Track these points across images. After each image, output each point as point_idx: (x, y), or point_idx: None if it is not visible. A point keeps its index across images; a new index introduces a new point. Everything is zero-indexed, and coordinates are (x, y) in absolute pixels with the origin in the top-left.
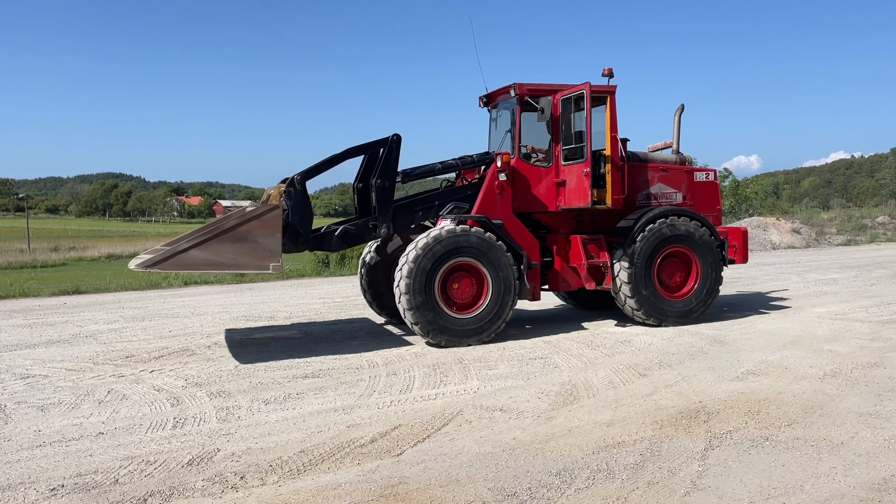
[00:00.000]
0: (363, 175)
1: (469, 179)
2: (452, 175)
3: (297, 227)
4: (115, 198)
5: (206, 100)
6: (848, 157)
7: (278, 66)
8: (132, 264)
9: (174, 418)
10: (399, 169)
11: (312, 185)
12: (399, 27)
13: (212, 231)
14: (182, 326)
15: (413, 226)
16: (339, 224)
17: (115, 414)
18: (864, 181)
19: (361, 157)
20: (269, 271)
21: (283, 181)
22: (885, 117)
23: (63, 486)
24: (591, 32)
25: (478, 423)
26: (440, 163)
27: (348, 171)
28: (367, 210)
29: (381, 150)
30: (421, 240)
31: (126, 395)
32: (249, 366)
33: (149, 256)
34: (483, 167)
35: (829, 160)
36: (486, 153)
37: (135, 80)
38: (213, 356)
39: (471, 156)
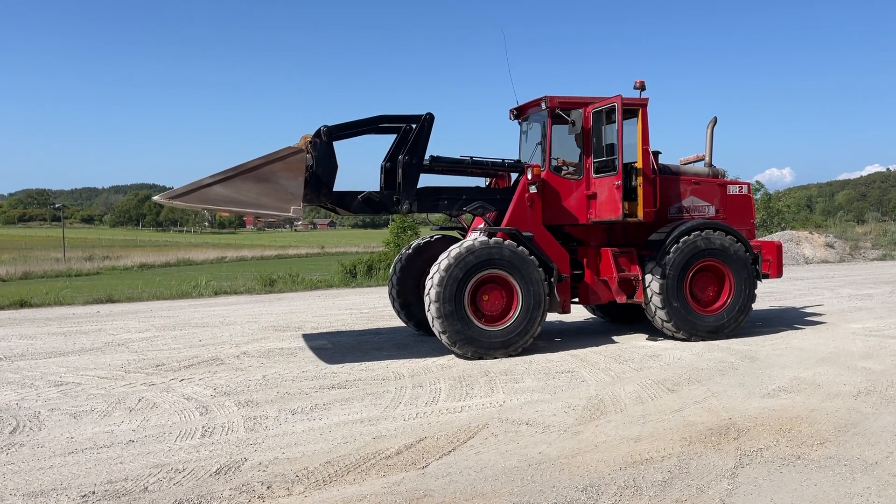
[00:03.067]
0: (392, 156)
1: (500, 185)
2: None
3: (321, 178)
4: (148, 208)
5: (237, 110)
6: (884, 169)
7: (306, 72)
8: (156, 197)
9: (203, 427)
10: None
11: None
12: (432, 35)
13: (236, 169)
14: (211, 336)
15: (437, 211)
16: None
17: (145, 422)
18: None
19: (392, 139)
20: (290, 214)
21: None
22: None
23: (94, 492)
24: (624, 45)
25: (503, 437)
26: (471, 157)
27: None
28: (392, 188)
29: (414, 126)
30: (454, 249)
31: (156, 404)
32: (277, 376)
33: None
34: (515, 175)
35: (864, 173)
36: (518, 161)
37: (168, 92)
38: (242, 366)
39: (502, 160)
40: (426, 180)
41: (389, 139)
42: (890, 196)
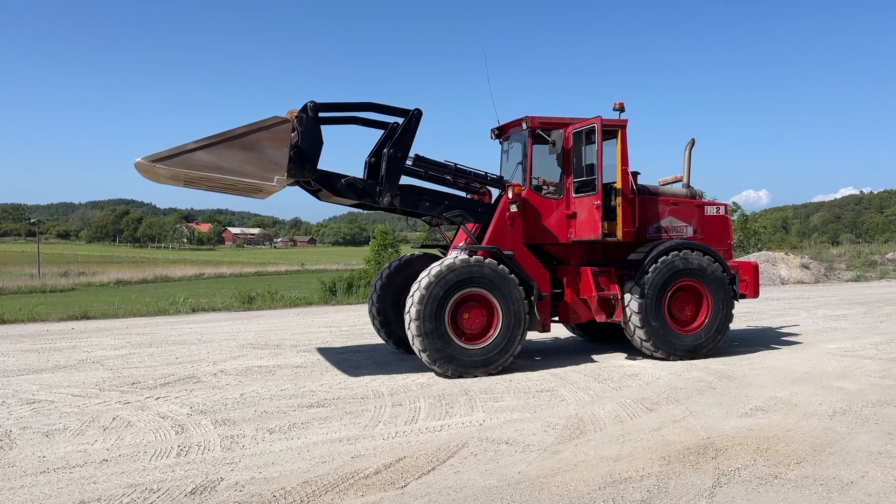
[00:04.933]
0: (377, 151)
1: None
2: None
3: (306, 153)
4: (126, 224)
5: (215, 127)
6: (857, 192)
7: (291, 82)
8: (138, 159)
9: (178, 446)
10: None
11: (319, 216)
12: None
13: (220, 136)
14: (188, 353)
15: (417, 212)
16: None
17: (119, 441)
18: (873, 217)
19: (379, 135)
20: (273, 184)
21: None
22: (895, 153)
23: None
24: (603, 65)
25: (483, 456)
26: (455, 164)
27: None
28: (375, 180)
29: (401, 122)
30: (434, 267)
31: (131, 422)
32: (255, 394)
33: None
34: (497, 192)
35: (838, 195)
36: (501, 176)
37: (146, 107)
38: (219, 384)
39: (485, 173)
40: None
41: (376, 138)
42: (863, 218)
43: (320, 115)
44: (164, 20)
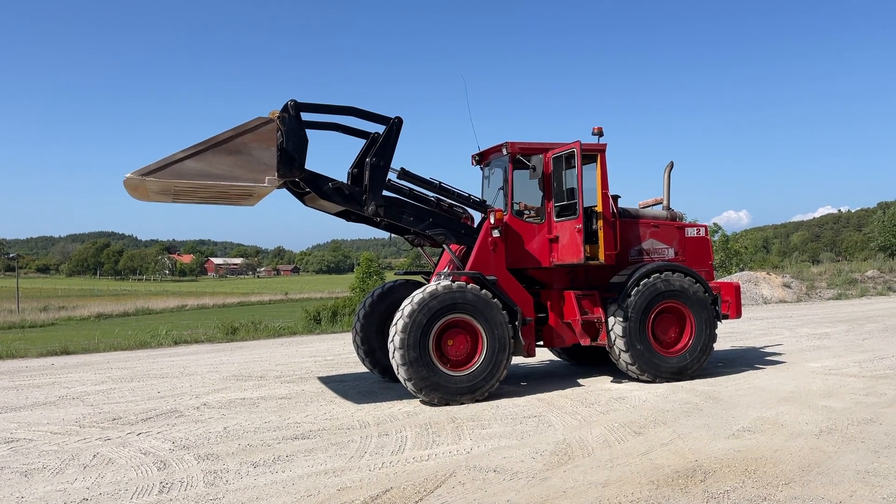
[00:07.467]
0: (359, 162)
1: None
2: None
3: (292, 152)
4: (107, 256)
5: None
6: (835, 211)
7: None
8: (128, 174)
9: (160, 483)
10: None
11: (307, 240)
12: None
13: (207, 143)
14: (171, 387)
15: (401, 225)
16: None
17: (100, 479)
18: (852, 235)
19: (360, 145)
20: (265, 185)
21: None
22: (871, 172)
23: None
24: (582, 88)
25: (471, 486)
26: (440, 182)
27: (342, 229)
28: (359, 187)
29: (382, 131)
30: (417, 295)
31: (112, 459)
32: (238, 427)
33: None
34: (480, 216)
35: (817, 214)
36: (484, 200)
37: (125, 141)
38: (202, 417)
39: (468, 194)
40: None
41: (357, 150)
42: (842, 237)
43: (302, 115)
44: (142, 46)
